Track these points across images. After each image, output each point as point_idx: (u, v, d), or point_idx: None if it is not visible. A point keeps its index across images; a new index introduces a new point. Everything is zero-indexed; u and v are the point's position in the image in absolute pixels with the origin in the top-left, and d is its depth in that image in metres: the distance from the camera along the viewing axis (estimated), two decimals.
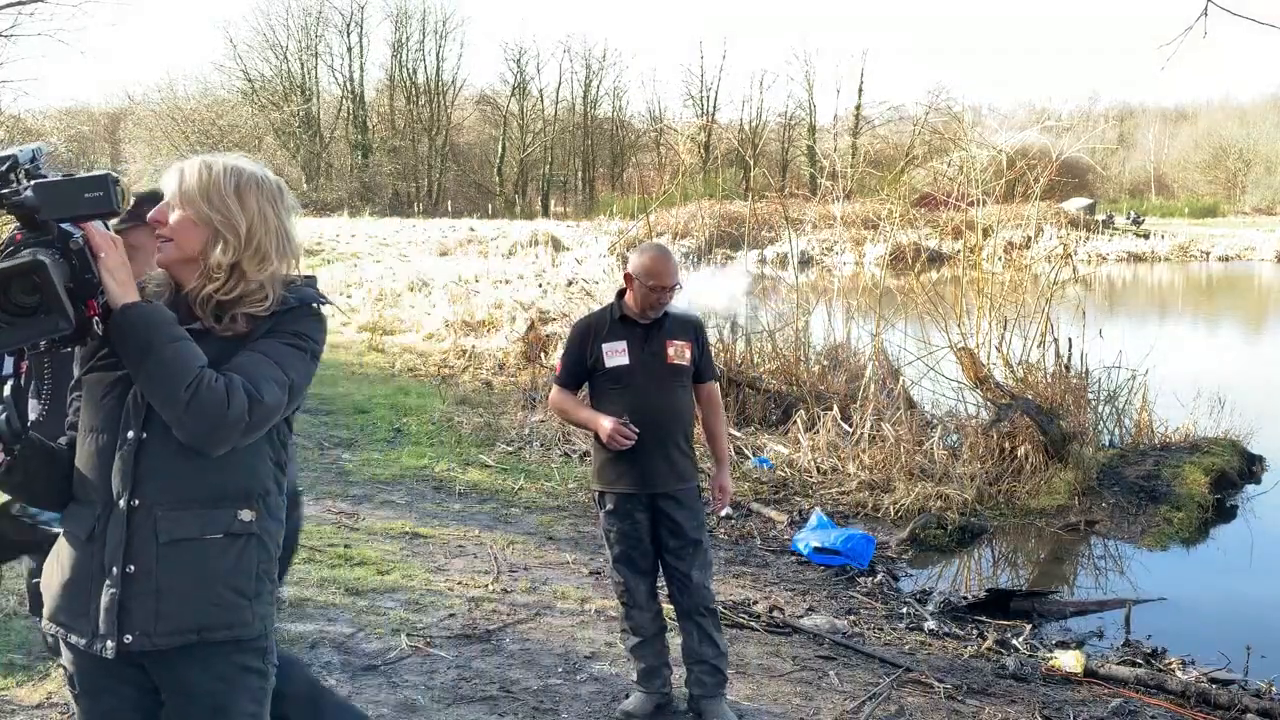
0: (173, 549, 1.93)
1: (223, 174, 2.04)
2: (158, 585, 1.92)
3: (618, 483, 3.96)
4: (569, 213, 50.70)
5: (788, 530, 6.98)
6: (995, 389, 8.39)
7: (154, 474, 1.94)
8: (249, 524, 2.00)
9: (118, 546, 1.92)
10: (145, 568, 1.92)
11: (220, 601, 1.96)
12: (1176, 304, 24.50)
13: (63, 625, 1.99)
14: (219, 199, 2.02)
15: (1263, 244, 37.24)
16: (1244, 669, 5.14)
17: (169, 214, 2.04)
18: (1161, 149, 66.22)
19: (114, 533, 1.93)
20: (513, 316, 14.24)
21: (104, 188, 1.83)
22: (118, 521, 1.93)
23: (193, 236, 2.01)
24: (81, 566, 1.96)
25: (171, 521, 1.93)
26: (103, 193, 1.83)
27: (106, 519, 1.94)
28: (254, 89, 52.81)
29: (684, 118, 62.42)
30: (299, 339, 2.04)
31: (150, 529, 1.92)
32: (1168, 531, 7.38)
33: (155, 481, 1.94)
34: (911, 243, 11.17)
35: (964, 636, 5.38)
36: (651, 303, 3.97)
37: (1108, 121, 55.12)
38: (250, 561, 2.00)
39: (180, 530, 1.94)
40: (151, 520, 1.93)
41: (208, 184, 2.03)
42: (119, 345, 1.90)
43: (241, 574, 1.99)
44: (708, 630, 3.99)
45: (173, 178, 2.06)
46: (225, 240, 2.01)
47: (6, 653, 4.35)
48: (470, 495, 7.46)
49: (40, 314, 1.75)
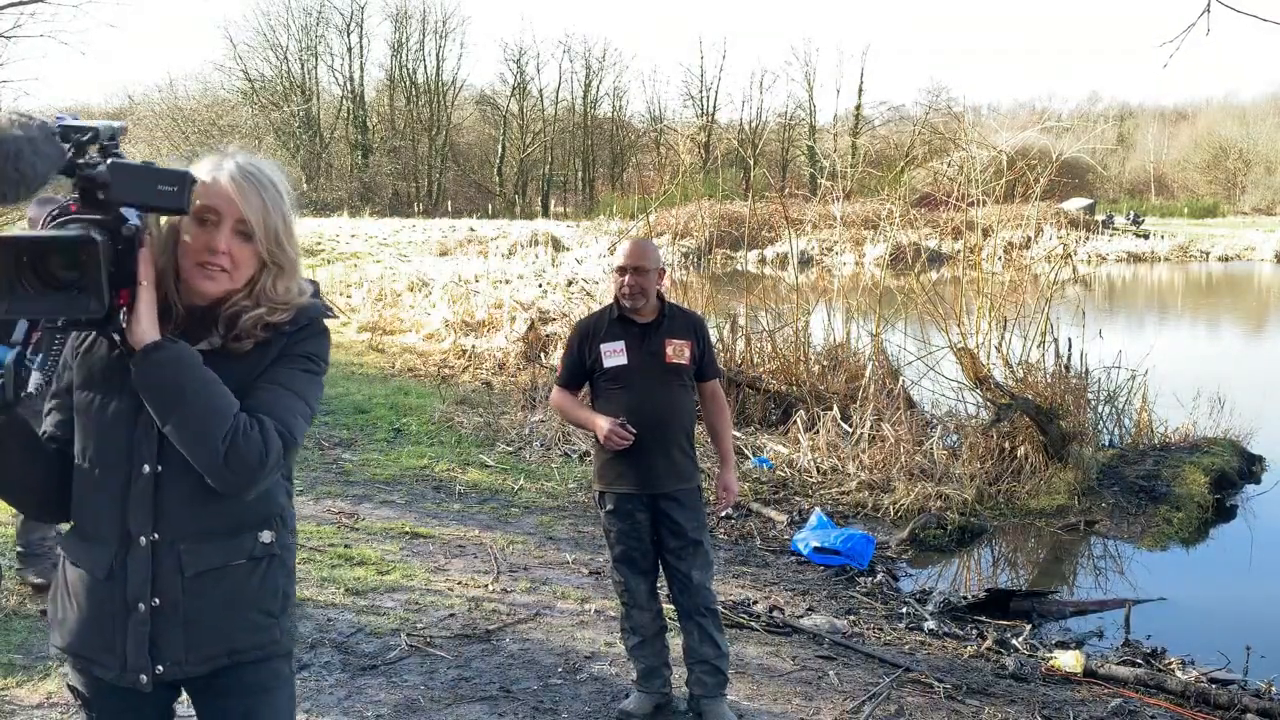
0: (198, 580, 1.88)
1: (279, 195, 1.91)
2: (185, 617, 1.87)
3: (618, 483, 3.96)
4: (569, 213, 50.68)
5: (788, 530, 6.98)
6: (995, 389, 8.39)
7: (174, 509, 1.86)
8: (269, 545, 1.96)
9: (142, 583, 1.85)
10: (172, 601, 1.86)
11: (249, 625, 1.94)
12: (1176, 304, 24.49)
13: (84, 658, 1.92)
14: (283, 225, 1.91)
15: (1262, 244, 37.23)
16: (1244, 669, 5.15)
17: (226, 235, 1.86)
18: (1161, 149, 66.21)
19: (136, 569, 1.85)
20: (513, 316, 14.23)
21: (180, 184, 1.74)
22: (139, 558, 1.85)
23: (252, 267, 1.90)
24: (103, 604, 1.88)
25: (195, 554, 1.87)
26: (177, 188, 1.73)
27: (125, 555, 1.85)
28: (254, 89, 52.81)
29: (684, 118, 62.49)
30: (311, 361, 1.97)
31: (174, 563, 1.86)
32: (1168, 531, 7.38)
33: (176, 516, 1.86)
34: (911, 243, 11.18)
35: (964, 636, 5.38)
36: (623, 288, 3.96)
37: (1108, 121, 55.20)
38: (274, 581, 1.97)
39: (204, 562, 1.88)
40: (175, 554, 1.86)
41: (274, 210, 1.89)
42: (145, 389, 1.79)
43: (267, 595, 1.96)
44: (708, 630, 3.98)
45: (233, 194, 1.86)
46: (280, 268, 1.91)
47: (6, 653, 4.35)
48: (470, 495, 7.46)
49: (75, 291, 1.65)
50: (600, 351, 3.98)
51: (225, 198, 1.85)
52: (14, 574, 5.11)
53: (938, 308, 9.53)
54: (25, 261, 1.63)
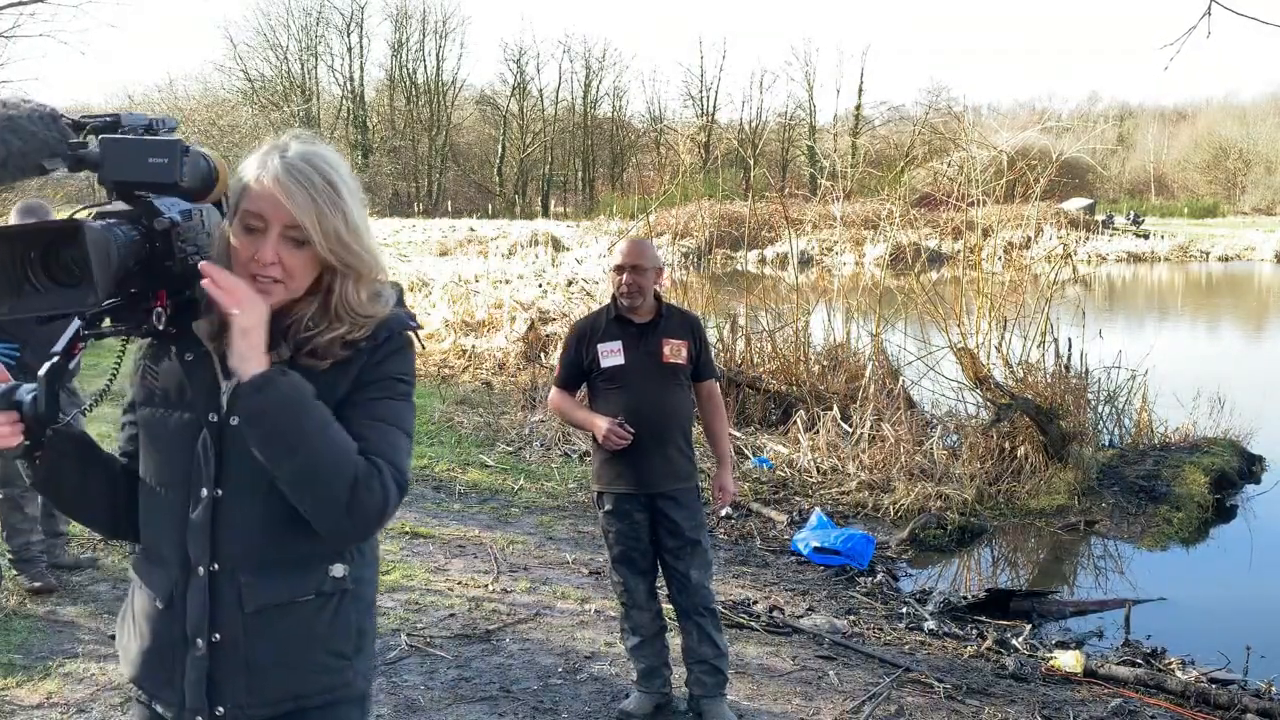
0: (260, 617, 1.69)
1: (335, 190, 1.68)
2: (247, 657, 1.69)
3: (616, 482, 3.96)
4: (569, 213, 50.72)
5: (788, 530, 6.98)
6: (995, 389, 8.39)
7: (235, 537, 1.68)
8: (341, 579, 1.74)
9: (201, 616, 1.68)
10: (232, 638, 1.68)
11: (317, 668, 1.74)
12: (1176, 304, 24.49)
13: (146, 691, 1.78)
14: (345, 224, 1.68)
15: (1262, 244, 37.26)
16: (1244, 669, 5.14)
17: (274, 243, 1.65)
18: (1161, 149, 66.25)
19: (195, 600, 1.68)
20: (513, 316, 14.23)
21: (169, 155, 1.56)
22: (198, 589, 1.68)
23: (310, 273, 1.69)
24: (162, 634, 1.72)
25: (257, 588, 1.68)
26: (167, 160, 1.56)
27: (185, 584, 1.69)
28: (254, 89, 52.88)
29: (684, 118, 62.57)
30: (404, 383, 1.76)
31: (235, 596, 1.68)
32: (1168, 531, 7.38)
33: (237, 545, 1.68)
34: (911, 243, 11.17)
35: (964, 636, 5.37)
36: (620, 287, 3.97)
37: (1108, 121, 55.24)
38: (347, 619, 1.76)
39: (267, 597, 1.69)
40: (235, 587, 1.68)
41: (329, 208, 1.67)
42: (253, 430, 1.59)
43: (338, 635, 1.75)
44: (707, 630, 3.98)
45: (279, 196, 1.64)
46: (353, 270, 1.70)
47: (7, 653, 4.35)
48: (470, 495, 7.46)
49: (73, 286, 1.51)
50: (597, 352, 3.99)
51: (271, 201, 1.65)
52: (14, 576, 5.12)
53: (938, 308, 9.52)
54: (33, 257, 1.52)
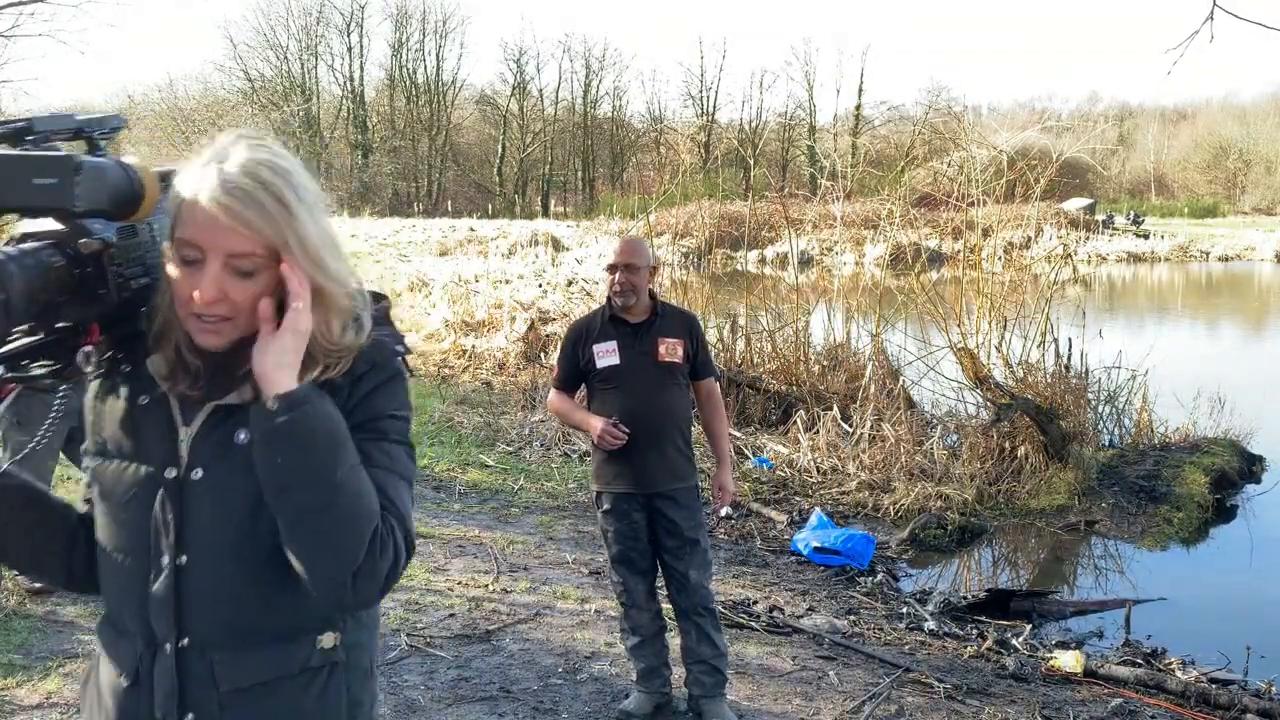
0: (237, 697, 1.46)
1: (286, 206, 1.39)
2: None
3: (614, 482, 3.96)
4: (569, 213, 50.73)
5: (788, 530, 6.98)
6: (995, 389, 8.39)
7: (203, 610, 1.44)
8: (332, 650, 1.51)
9: (169, 697, 1.45)
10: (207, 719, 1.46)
11: None
12: (1176, 304, 24.49)
13: None
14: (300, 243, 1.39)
15: (1262, 244, 37.26)
16: (1244, 669, 5.14)
17: (215, 278, 1.36)
18: (1161, 149, 66.26)
19: (162, 680, 1.45)
20: (513, 316, 14.22)
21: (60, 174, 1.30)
22: (165, 667, 1.45)
23: (266, 304, 1.39)
24: (128, 712, 1.49)
25: (231, 666, 1.45)
26: (57, 180, 1.30)
27: (151, 661, 1.46)
28: (254, 89, 52.92)
29: (684, 118, 62.58)
30: (402, 421, 1.51)
31: (207, 675, 1.45)
32: (1168, 531, 7.38)
33: (206, 619, 1.45)
34: (911, 243, 11.18)
35: (964, 636, 5.37)
36: (614, 285, 3.98)
37: (1108, 121, 55.22)
38: (336, 694, 1.52)
39: (244, 676, 1.46)
40: (207, 665, 1.45)
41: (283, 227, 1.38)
42: (275, 455, 1.34)
43: (329, 711, 1.52)
44: (706, 630, 3.98)
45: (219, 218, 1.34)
46: (329, 304, 1.42)
47: (6, 653, 4.35)
48: (470, 495, 7.46)
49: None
50: (593, 352, 3.99)
51: (209, 227, 1.35)
52: (13, 576, 5.12)
53: (938, 308, 9.52)
54: None
